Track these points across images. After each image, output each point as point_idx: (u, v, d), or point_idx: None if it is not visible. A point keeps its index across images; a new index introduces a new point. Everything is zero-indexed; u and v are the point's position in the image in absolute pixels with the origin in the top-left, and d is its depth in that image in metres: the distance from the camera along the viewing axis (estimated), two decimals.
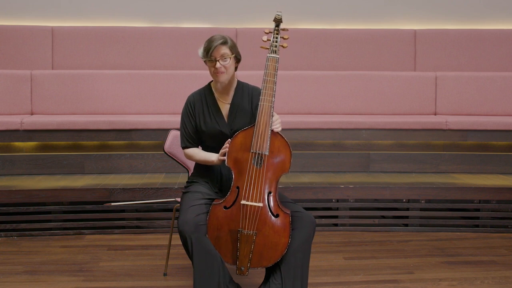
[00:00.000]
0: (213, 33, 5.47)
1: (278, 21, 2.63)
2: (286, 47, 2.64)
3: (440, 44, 5.25)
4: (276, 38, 2.60)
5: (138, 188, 3.83)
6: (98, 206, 3.84)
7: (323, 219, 4.00)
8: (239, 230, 2.39)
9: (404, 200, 4.01)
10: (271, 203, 2.43)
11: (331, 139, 4.50)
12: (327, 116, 4.68)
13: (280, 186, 3.90)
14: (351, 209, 4.01)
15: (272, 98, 2.49)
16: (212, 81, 2.76)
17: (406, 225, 4.02)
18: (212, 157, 2.60)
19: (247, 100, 2.71)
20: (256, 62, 4.94)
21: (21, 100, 4.70)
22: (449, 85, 4.94)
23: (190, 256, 2.43)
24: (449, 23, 5.41)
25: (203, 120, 2.68)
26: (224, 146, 2.51)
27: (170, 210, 3.86)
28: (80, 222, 3.86)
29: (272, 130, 2.46)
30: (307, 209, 4.00)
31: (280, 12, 2.62)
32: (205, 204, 2.50)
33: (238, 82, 2.77)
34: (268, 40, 2.62)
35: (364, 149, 4.52)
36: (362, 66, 5.22)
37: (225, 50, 2.59)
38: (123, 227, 3.90)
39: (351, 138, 4.50)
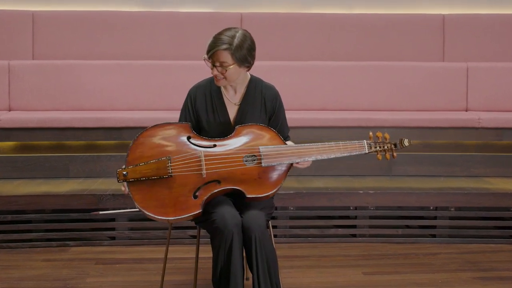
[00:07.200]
0: (215, 19, 5.43)
1: None
2: None
3: (472, 31, 5.22)
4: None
5: None
6: (84, 215, 3.83)
7: (339, 229, 3.99)
8: None
9: (431, 208, 3.99)
10: None
11: (349, 139, 4.46)
12: (343, 113, 4.65)
13: (291, 192, 3.89)
14: (371, 217, 3.99)
15: None
16: None
17: (434, 235, 4.01)
18: None
19: (259, 102, 2.64)
20: (262, 51, 4.82)
21: None
22: (482, 78, 4.90)
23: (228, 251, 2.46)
24: (482, 7, 5.37)
25: (205, 118, 2.63)
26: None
27: None
28: (64, 233, 3.85)
29: None
30: (321, 217, 4.04)
31: None
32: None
33: (251, 78, 2.67)
34: None
35: None
36: (383, 56, 5.18)
37: (225, 57, 2.46)
38: (113, 238, 3.90)
39: None
